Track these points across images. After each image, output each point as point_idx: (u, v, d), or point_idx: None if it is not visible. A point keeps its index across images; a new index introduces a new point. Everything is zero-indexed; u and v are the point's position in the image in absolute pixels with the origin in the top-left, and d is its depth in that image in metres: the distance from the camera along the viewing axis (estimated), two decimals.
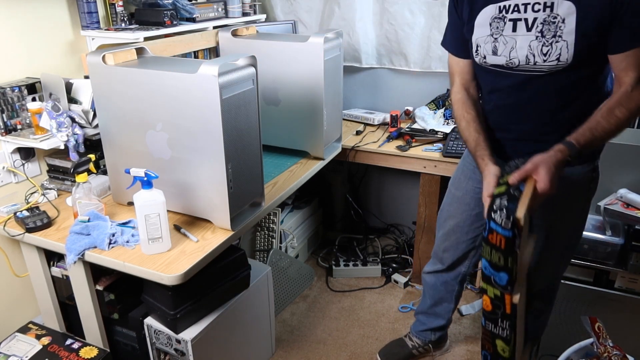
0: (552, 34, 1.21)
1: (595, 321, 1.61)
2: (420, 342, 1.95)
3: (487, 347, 1.22)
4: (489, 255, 1.09)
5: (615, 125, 1.19)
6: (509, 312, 1.11)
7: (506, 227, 1.03)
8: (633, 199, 1.72)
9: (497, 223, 1.05)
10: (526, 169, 1.14)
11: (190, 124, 1.31)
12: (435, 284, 1.82)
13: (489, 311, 1.15)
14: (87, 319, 1.55)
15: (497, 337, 1.17)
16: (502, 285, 1.10)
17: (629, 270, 1.71)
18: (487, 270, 1.11)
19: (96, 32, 1.76)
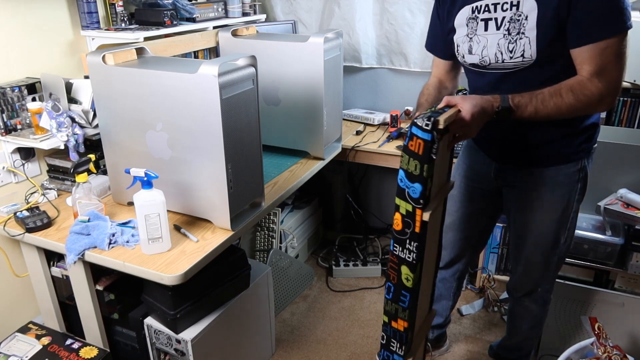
0: (516, 31, 1.24)
1: (595, 321, 1.61)
2: None
3: (392, 277, 1.17)
4: (407, 165, 1.06)
5: (555, 105, 1.19)
6: (418, 230, 1.08)
7: (426, 130, 1.02)
8: (633, 199, 1.72)
9: (418, 126, 1.03)
10: (454, 98, 1.17)
11: (190, 124, 1.31)
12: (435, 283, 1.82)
13: (399, 231, 1.12)
14: (87, 319, 1.55)
15: (403, 262, 1.13)
16: (414, 199, 1.07)
17: (629, 270, 1.71)
18: (403, 182, 1.08)
19: (96, 32, 1.76)
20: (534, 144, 1.40)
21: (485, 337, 2.11)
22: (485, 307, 2.28)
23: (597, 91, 1.18)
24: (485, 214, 1.65)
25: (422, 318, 1.34)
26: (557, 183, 1.42)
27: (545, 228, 1.48)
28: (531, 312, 1.66)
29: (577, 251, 1.80)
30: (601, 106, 1.22)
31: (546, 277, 1.58)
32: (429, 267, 1.29)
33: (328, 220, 2.84)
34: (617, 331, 1.77)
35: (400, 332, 1.19)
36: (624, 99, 1.90)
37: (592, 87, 1.18)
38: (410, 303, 1.15)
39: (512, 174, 1.48)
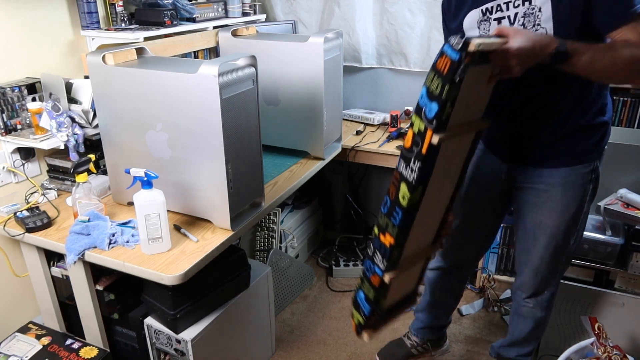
0: (532, 24, 1.22)
1: (595, 321, 1.61)
2: (419, 341, 1.95)
3: (391, 192, 1.13)
4: (430, 82, 1.01)
5: (611, 58, 1.10)
6: (424, 152, 1.03)
7: (456, 48, 0.95)
8: (633, 199, 1.72)
9: (450, 45, 0.96)
10: (507, 29, 1.06)
11: (190, 124, 1.31)
12: (437, 281, 1.82)
13: (407, 148, 1.07)
14: (87, 319, 1.54)
15: (404, 179, 1.09)
16: (428, 118, 1.01)
17: (629, 270, 1.71)
18: (422, 99, 1.03)
19: (96, 32, 1.76)
20: (544, 142, 1.38)
21: (485, 337, 2.10)
22: (485, 307, 2.28)
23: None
24: (492, 218, 1.64)
25: (419, 248, 1.28)
26: (569, 184, 1.40)
27: (556, 230, 1.46)
28: (534, 315, 1.66)
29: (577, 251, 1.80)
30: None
31: (553, 279, 1.58)
32: (439, 201, 1.23)
33: (328, 220, 2.84)
34: (617, 331, 1.77)
35: (386, 247, 1.16)
36: (623, 99, 1.90)
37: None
38: (402, 222, 1.11)
39: (522, 175, 1.46)
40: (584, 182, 1.40)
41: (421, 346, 1.95)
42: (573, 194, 1.42)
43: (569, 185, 1.40)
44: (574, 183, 1.40)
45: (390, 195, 1.13)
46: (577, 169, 1.39)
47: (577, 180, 1.40)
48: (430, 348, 1.96)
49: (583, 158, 1.38)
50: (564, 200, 1.42)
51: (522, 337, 1.73)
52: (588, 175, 1.40)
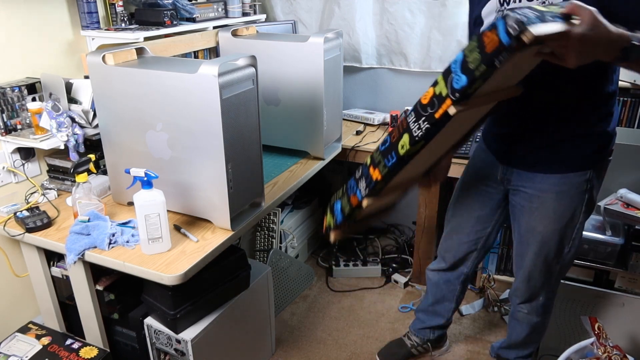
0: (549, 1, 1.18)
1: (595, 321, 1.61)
2: (419, 341, 1.94)
3: (393, 135, 1.10)
4: (469, 52, 0.92)
5: None
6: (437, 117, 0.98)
7: (509, 31, 0.84)
8: (633, 199, 1.72)
9: (505, 24, 0.85)
10: (583, 10, 0.89)
11: (190, 124, 1.31)
12: (438, 282, 1.82)
13: (423, 104, 1.02)
14: (87, 319, 1.54)
15: (408, 131, 1.05)
16: (454, 88, 0.94)
17: (629, 270, 1.71)
18: (455, 65, 0.95)
19: (96, 32, 1.76)
20: (538, 145, 1.37)
21: (485, 337, 2.11)
22: (485, 307, 2.28)
23: None
24: (493, 218, 1.62)
25: (405, 179, 1.25)
26: (562, 192, 1.38)
27: (549, 237, 1.45)
28: (530, 320, 1.65)
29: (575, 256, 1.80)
30: None
31: (548, 285, 1.56)
32: (436, 152, 1.22)
33: None
34: (617, 331, 1.77)
35: (372, 179, 1.15)
36: (624, 99, 1.90)
37: None
38: (393, 166, 1.09)
39: (516, 177, 1.45)
40: (578, 191, 1.37)
41: (421, 346, 1.95)
42: (566, 202, 1.39)
43: (561, 194, 1.38)
44: (567, 192, 1.38)
45: (392, 138, 1.10)
46: (569, 177, 1.36)
47: (570, 189, 1.37)
48: (430, 348, 1.96)
49: (577, 166, 1.35)
50: (556, 208, 1.40)
51: (520, 340, 1.73)
52: (582, 185, 1.36)
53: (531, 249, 1.50)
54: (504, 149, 1.47)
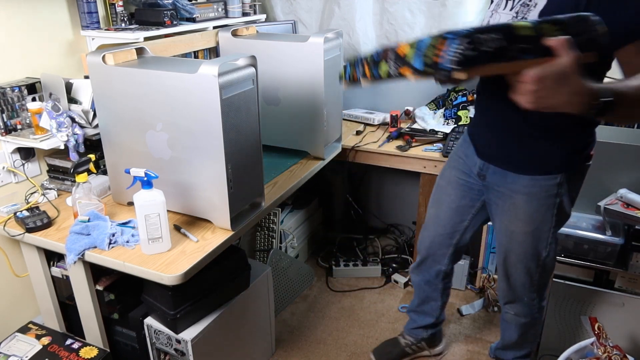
0: (521, 17, 1.19)
1: (595, 321, 1.61)
2: (413, 340, 1.94)
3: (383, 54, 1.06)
4: (430, 45, 0.92)
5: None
6: (400, 72, 0.99)
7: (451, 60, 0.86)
8: (633, 199, 1.72)
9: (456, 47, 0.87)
10: (562, 47, 0.87)
11: (190, 124, 1.31)
12: (420, 284, 1.81)
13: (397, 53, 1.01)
14: (87, 319, 1.55)
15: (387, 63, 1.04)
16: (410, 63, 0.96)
17: (629, 270, 1.71)
18: (420, 44, 0.94)
19: (96, 32, 1.76)
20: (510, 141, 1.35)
21: (485, 337, 2.10)
22: (485, 307, 2.28)
23: None
24: (471, 211, 1.59)
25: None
26: (532, 194, 1.36)
27: (522, 238, 1.44)
28: (517, 321, 1.64)
29: (577, 251, 1.80)
30: None
31: (530, 288, 1.55)
32: None
33: (328, 220, 2.84)
34: (617, 331, 1.77)
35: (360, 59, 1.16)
36: None
37: None
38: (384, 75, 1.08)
39: (492, 174, 1.44)
40: (548, 195, 1.36)
41: (415, 345, 1.94)
42: (535, 206, 1.38)
43: (531, 196, 1.37)
44: (536, 194, 1.36)
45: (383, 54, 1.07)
46: (539, 180, 1.35)
47: (539, 192, 1.36)
48: (425, 347, 1.95)
49: (546, 169, 1.34)
50: (526, 211, 1.39)
51: (513, 342, 1.72)
52: (552, 189, 1.35)
53: (507, 251, 1.50)
54: (482, 143, 1.46)
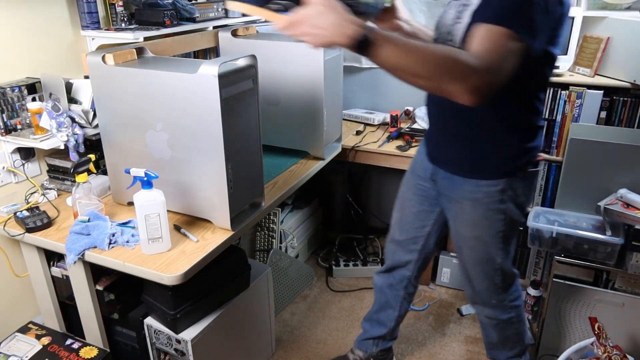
0: (460, 14, 1.20)
1: (595, 321, 1.61)
2: (362, 355, 1.87)
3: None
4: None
5: (423, 48, 1.00)
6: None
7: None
8: (633, 199, 1.72)
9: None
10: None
11: (190, 123, 1.31)
12: (382, 287, 1.78)
13: None
14: (87, 319, 1.55)
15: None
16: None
17: (629, 270, 1.71)
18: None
19: (96, 32, 1.76)
20: (455, 147, 1.36)
21: None
22: None
23: (473, 63, 0.98)
24: (431, 217, 1.58)
25: None
26: (477, 200, 1.36)
27: (473, 243, 1.44)
28: (490, 323, 1.64)
29: (577, 251, 1.80)
30: (467, 81, 0.97)
31: (495, 291, 1.53)
32: None
33: (328, 220, 2.84)
34: (617, 331, 1.77)
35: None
36: (624, 99, 1.90)
37: (470, 58, 0.99)
38: None
39: (442, 179, 1.44)
40: (493, 201, 1.35)
41: None
42: (482, 211, 1.37)
43: (476, 202, 1.37)
44: (481, 200, 1.36)
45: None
46: (483, 186, 1.34)
47: (484, 198, 1.35)
48: None
49: (487, 174, 1.33)
50: (473, 217, 1.39)
51: (495, 342, 1.70)
52: (496, 195, 1.34)
53: (463, 253, 1.50)
54: (431, 148, 1.47)
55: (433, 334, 2.14)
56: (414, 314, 2.25)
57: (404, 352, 2.05)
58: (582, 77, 1.97)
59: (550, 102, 2.01)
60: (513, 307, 1.59)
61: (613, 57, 1.92)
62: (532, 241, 1.90)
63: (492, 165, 1.33)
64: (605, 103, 1.93)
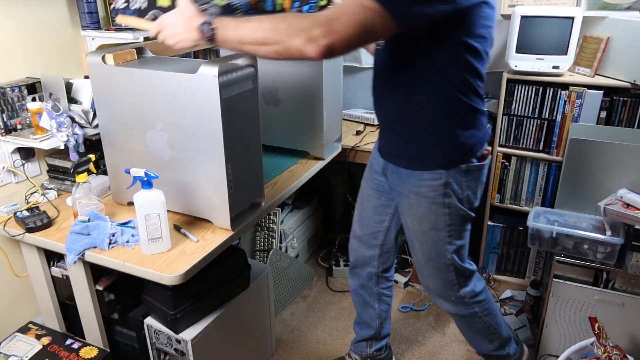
0: None
1: (595, 321, 1.61)
2: (358, 358, 1.87)
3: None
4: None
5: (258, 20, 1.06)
6: None
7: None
8: (633, 199, 1.72)
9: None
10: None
11: (190, 124, 1.31)
12: (356, 288, 1.78)
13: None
14: (87, 319, 1.55)
15: None
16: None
17: (629, 270, 1.71)
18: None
19: (96, 32, 1.76)
20: (395, 137, 1.38)
21: None
22: None
23: (313, 16, 1.01)
24: (388, 211, 1.58)
25: None
26: (422, 194, 1.37)
27: (422, 238, 1.45)
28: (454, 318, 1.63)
29: (577, 251, 1.80)
30: (309, 32, 1.00)
31: (452, 287, 1.52)
32: None
33: (328, 220, 2.84)
34: (617, 331, 1.77)
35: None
36: (624, 99, 1.90)
37: (309, 23, 1.01)
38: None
39: (390, 173, 1.46)
40: (437, 194, 1.35)
41: None
42: (427, 205, 1.37)
43: (421, 196, 1.37)
44: (426, 194, 1.36)
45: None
46: (426, 179, 1.35)
47: (428, 192, 1.36)
48: None
49: (428, 165, 1.33)
50: (420, 210, 1.40)
51: (469, 337, 1.70)
52: (440, 189, 1.34)
53: (415, 247, 1.50)
54: (381, 142, 1.48)
55: (433, 334, 2.14)
56: (414, 314, 2.25)
57: (404, 352, 2.05)
58: (582, 77, 1.97)
59: (550, 102, 2.01)
60: (475, 302, 1.57)
61: (613, 57, 1.92)
62: (532, 241, 1.90)
63: (431, 157, 1.33)
64: (605, 103, 1.93)
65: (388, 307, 1.80)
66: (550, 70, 1.94)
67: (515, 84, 2.03)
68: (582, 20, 1.90)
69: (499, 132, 2.11)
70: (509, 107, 2.07)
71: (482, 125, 1.35)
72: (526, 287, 2.20)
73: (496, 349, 1.69)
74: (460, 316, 1.60)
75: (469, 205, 1.40)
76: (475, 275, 1.56)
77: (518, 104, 2.06)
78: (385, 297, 1.77)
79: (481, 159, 1.36)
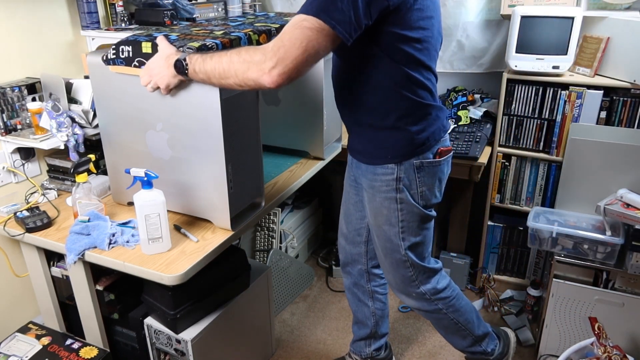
0: None
1: (595, 321, 1.61)
2: (358, 358, 1.87)
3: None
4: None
5: (218, 59, 1.11)
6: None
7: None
8: (633, 199, 1.72)
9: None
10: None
11: (190, 124, 1.31)
12: (349, 287, 1.79)
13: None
14: (87, 319, 1.55)
15: None
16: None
17: (629, 270, 1.71)
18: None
19: (96, 32, 1.76)
20: (352, 131, 1.43)
21: None
22: (485, 307, 2.28)
23: (264, 49, 1.06)
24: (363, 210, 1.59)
25: None
26: (376, 188, 1.40)
27: (378, 232, 1.47)
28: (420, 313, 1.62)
29: (577, 251, 1.80)
30: (262, 65, 1.05)
31: (411, 284, 1.52)
32: None
33: (328, 220, 2.84)
34: (617, 331, 1.77)
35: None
36: (624, 99, 1.90)
37: (259, 56, 1.06)
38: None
39: (355, 168, 1.50)
40: (389, 189, 1.37)
41: None
42: (380, 199, 1.40)
43: (375, 190, 1.40)
44: (379, 189, 1.39)
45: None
46: (379, 174, 1.37)
47: (381, 187, 1.38)
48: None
49: (379, 160, 1.36)
50: (374, 204, 1.43)
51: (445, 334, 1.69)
52: (392, 183, 1.36)
53: (375, 241, 1.52)
54: (348, 139, 1.50)
55: (433, 334, 2.14)
56: (414, 314, 2.25)
57: (404, 352, 2.05)
58: (582, 77, 1.97)
59: (550, 102, 2.01)
60: (438, 299, 1.56)
61: (613, 57, 1.91)
62: (532, 241, 1.90)
63: (383, 152, 1.35)
64: (605, 103, 1.93)
65: (383, 305, 1.80)
66: (550, 70, 1.94)
67: (515, 84, 2.03)
68: (582, 20, 1.90)
69: (499, 132, 2.11)
70: (509, 107, 2.07)
71: (435, 119, 1.35)
72: (526, 287, 2.21)
73: (470, 346, 1.68)
74: (424, 311, 1.60)
75: (423, 202, 1.40)
76: (440, 273, 1.57)
77: (518, 104, 2.06)
78: (378, 295, 1.78)
79: (439, 155, 1.37)
